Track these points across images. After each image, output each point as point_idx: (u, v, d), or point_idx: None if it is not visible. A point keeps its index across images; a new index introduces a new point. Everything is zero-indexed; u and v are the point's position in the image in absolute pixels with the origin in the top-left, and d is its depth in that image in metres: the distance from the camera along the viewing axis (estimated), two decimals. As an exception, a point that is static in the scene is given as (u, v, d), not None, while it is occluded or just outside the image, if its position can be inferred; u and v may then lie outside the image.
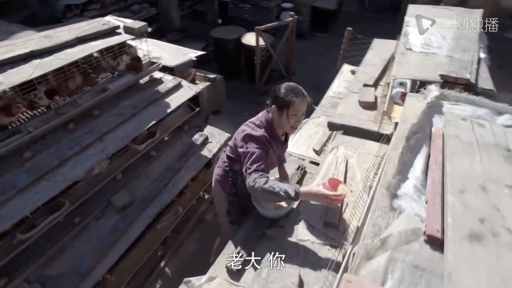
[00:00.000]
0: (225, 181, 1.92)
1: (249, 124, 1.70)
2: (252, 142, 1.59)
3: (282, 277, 1.32)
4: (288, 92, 1.60)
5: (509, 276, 0.86)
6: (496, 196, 1.09)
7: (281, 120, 1.64)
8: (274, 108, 1.63)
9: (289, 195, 1.41)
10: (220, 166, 1.95)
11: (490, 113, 1.52)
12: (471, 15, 2.94)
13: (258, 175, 1.48)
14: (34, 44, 1.95)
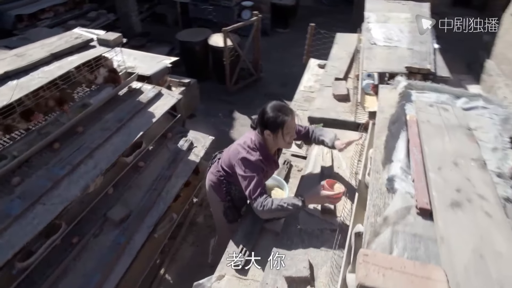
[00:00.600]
0: (219, 189, 2.00)
1: (244, 146, 1.76)
2: (249, 166, 1.68)
3: (294, 264, 1.45)
4: (277, 114, 1.67)
5: (485, 233, 1.06)
6: (466, 169, 1.30)
7: (277, 141, 1.74)
8: (267, 132, 1.70)
9: (297, 206, 1.55)
10: (214, 174, 2.02)
11: (450, 97, 1.76)
12: (421, 8, 3.26)
13: (263, 198, 1.59)
14: (7, 64, 1.87)
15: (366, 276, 0.90)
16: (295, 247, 1.57)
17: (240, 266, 1.72)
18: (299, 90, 3.88)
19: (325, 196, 1.56)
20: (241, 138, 1.87)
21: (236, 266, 1.76)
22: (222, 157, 1.99)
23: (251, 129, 1.88)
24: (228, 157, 1.87)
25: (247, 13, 6.83)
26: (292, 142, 1.85)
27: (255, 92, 5.40)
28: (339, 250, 1.49)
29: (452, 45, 5.94)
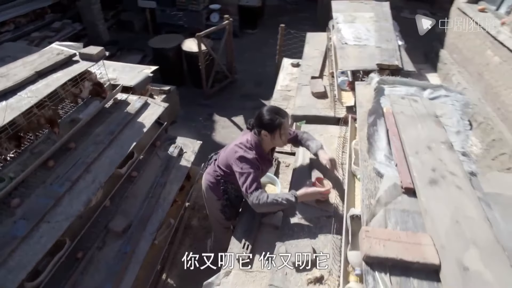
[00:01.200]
0: (216, 188, 2.11)
1: (240, 146, 1.88)
2: (246, 163, 1.81)
3: (299, 250, 1.60)
4: (274, 116, 1.82)
5: (458, 203, 1.28)
6: (438, 151, 1.52)
7: (274, 141, 1.89)
8: (265, 133, 1.85)
9: (290, 202, 1.70)
10: (211, 174, 2.13)
11: (418, 90, 2.00)
12: (382, 7, 3.55)
13: (259, 192, 1.73)
14: (-8, 86, 1.84)
15: (370, 248, 1.07)
16: (297, 236, 1.72)
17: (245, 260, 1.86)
18: (277, 90, 4.04)
19: (316, 192, 1.74)
20: (237, 139, 1.99)
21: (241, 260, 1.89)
22: (219, 158, 2.10)
23: (247, 131, 2.00)
24: (225, 157, 1.99)
25: (216, 16, 6.91)
26: (287, 141, 2.01)
27: (232, 94, 5.51)
28: (337, 234, 1.67)
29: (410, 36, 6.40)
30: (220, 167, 2.04)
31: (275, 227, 2.02)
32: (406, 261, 1.04)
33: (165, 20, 6.84)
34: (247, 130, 2.01)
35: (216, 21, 6.90)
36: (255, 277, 1.83)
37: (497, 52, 4.53)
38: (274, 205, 1.76)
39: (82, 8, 5.33)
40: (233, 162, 1.87)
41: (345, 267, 1.41)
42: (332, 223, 1.72)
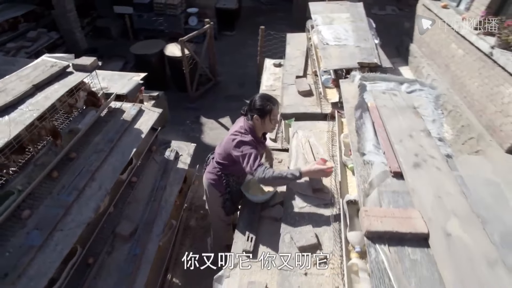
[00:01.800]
0: (219, 183, 2.24)
1: (236, 133, 2.03)
2: (245, 145, 1.96)
3: (303, 235, 1.76)
4: (266, 102, 2.00)
5: (438, 181, 1.48)
6: (418, 138, 1.73)
7: (264, 125, 2.05)
8: (256, 117, 2.01)
9: (295, 176, 1.84)
10: (211, 171, 2.25)
11: (396, 84, 2.22)
12: (357, 8, 3.79)
13: (264, 167, 1.87)
14: (-11, 104, 1.86)
15: (370, 224, 1.24)
16: (299, 224, 1.88)
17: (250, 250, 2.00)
18: (262, 90, 4.18)
19: (320, 169, 1.86)
20: (231, 130, 2.13)
21: (246, 251, 2.03)
22: (215, 154, 2.23)
23: (239, 120, 2.15)
24: (222, 150, 2.12)
25: (194, 20, 6.96)
26: (276, 127, 2.17)
27: (216, 96, 5.61)
28: (335, 219, 1.84)
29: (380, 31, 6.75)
30: (220, 162, 2.17)
31: (275, 219, 2.18)
32: (401, 233, 1.22)
33: (143, 26, 6.82)
34: (238, 120, 2.15)
35: (194, 25, 6.96)
36: (259, 267, 1.97)
37: (460, 45, 4.93)
38: (280, 179, 1.88)
39: (58, 16, 5.22)
40: (232, 149, 2.00)
41: (346, 247, 1.58)
42: (331, 209, 1.89)
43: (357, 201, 1.72)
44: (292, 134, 2.63)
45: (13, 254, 1.60)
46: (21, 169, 1.96)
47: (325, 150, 2.39)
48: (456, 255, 1.15)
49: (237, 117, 2.28)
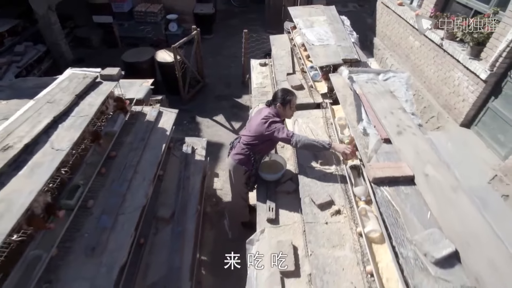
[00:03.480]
0: (247, 161, 2.68)
1: (266, 117, 2.49)
2: (276, 123, 2.45)
3: (320, 196, 2.25)
4: (286, 94, 2.52)
5: (416, 143, 2.04)
6: (397, 114, 2.30)
7: (285, 112, 2.56)
8: (279, 105, 2.52)
9: (325, 146, 2.31)
10: (239, 152, 2.69)
11: (374, 75, 2.79)
12: (331, 11, 4.36)
13: (297, 135, 2.35)
14: (48, 111, 2.17)
15: (375, 174, 1.77)
16: (314, 188, 2.37)
17: (273, 219, 2.46)
18: (253, 88, 4.63)
19: (344, 147, 2.31)
20: (258, 114, 2.60)
21: (269, 220, 2.50)
22: (242, 138, 2.67)
23: (263, 108, 2.63)
24: (253, 132, 2.57)
25: (174, 26, 7.24)
26: (293, 115, 2.71)
27: (206, 96, 5.97)
28: (341, 181, 2.36)
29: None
30: (248, 143, 2.61)
31: (288, 192, 2.67)
32: (396, 177, 1.76)
33: (124, 34, 6.98)
34: (262, 109, 2.62)
35: (174, 30, 7.24)
36: (283, 229, 2.45)
37: (417, 38, 5.71)
38: (312, 146, 2.35)
39: (43, 29, 5.31)
40: (265, 130, 2.47)
41: (355, 198, 2.11)
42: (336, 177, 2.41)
43: (357, 166, 2.26)
44: (293, 122, 3.12)
45: (91, 234, 1.95)
46: (77, 168, 2.27)
47: (322, 132, 2.91)
48: (432, 187, 1.71)
49: (229, 114, 2.72)
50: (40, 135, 2.00)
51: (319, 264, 1.87)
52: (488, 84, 4.14)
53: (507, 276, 1.29)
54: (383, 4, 7.11)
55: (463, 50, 4.45)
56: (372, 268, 1.73)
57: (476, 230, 1.47)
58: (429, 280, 1.32)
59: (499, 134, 4.14)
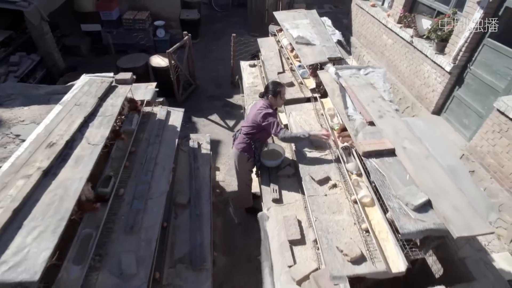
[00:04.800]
0: (249, 149, 3.06)
1: (261, 108, 2.87)
2: (269, 116, 2.82)
3: (318, 174, 2.66)
4: (276, 86, 2.89)
5: (394, 124, 2.49)
6: (378, 102, 2.74)
7: (276, 102, 2.93)
8: (271, 97, 2.89)
9: (306, 136, 2.73)
10: (241, 142, 3.07)
11: (356, 70, 3.23)
12: (313, 14, 4.81)
13: (284, 130, 2.75)
14: (78, 112, 2.45)
15: (364, 148, 2.19)
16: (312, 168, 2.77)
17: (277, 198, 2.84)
18: (246, 87, 4.99)
19: (322, 135, 2.77)
20: (254, 107, 2.97)
21: (274, 200, 2.88)
22: (242, 129, 3.04)
23: (257, 100, 3.00)
24: (250, 122, 2.96)
25: (162, 32, 7.49)
26: (283, 103, 3.14)
27: (199, 98, 6.28)
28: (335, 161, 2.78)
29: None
30: (248, 133, 2.99)
31: (288, 176, 3.06)
32: (380, 150, 2.19)
33: (113, 41, 7.15)
34: (257, 102, 2.99)
35: (162, 36, 7.49)
36: (286, 207, 2.84)
37: (389, 36, 6.28)
38: (295, 138, 2.81)
39: (36, 39, 5.43)
40: (260, 119, 2.86)
41: (347, 173, 2.53)
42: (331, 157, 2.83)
43: (347, 147, 2.68)
44: (288, 114, 3.52)
45: (127, 217, 2.26)
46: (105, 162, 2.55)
47: (315, 122, 3.33)
48: (409, 156, 2.15)
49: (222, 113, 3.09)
50: (76, 133, 2.28)
51: (323, 227, 2.27)
52: (453, 75, 4.72)
53: (465, 215, 1.73)
54: (357, 5, 7.69)
55: (430, 46, 5.03)
56: (366, 225, 2.15)
57: (443, 185, 1.91)
58: (410, 221, 1.75)
59: (464, 118, 4.73)
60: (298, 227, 2.56)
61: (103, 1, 7.06)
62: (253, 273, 3.29)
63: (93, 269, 1.94)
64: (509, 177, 3.75)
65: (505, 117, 3.70)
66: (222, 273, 3.26)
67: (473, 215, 1.69)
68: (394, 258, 1.92)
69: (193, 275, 2.36)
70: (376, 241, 2.04)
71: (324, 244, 2.14)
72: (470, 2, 4.24)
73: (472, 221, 1.66)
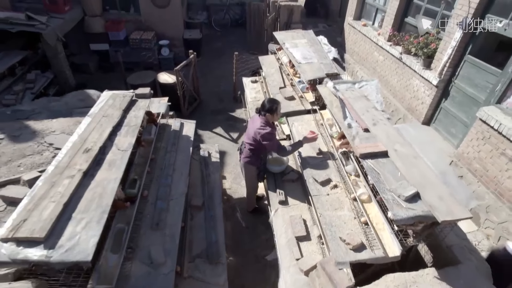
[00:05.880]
0: (255, 160, 3.36)
1: (260, 128, 3.15)
2: (268, 135, 3.12)
3: (320, 176, 2.96)
4: (272, 104, 3.19)
5: (387, 130, 2.83)
6: (371, 112, 3.09)
7: (273, 117, 3.22)
8: (268, 114, 3.19)
9: (300, 144, 3.11)
10: (247, 156, 3.38)
11: (351, 84, 3.61)
12: (310, 34, 5.25)
13: (283, 147, 3.11)
14: (106, 123, 2.75)
15: (361, 151, 2.51)
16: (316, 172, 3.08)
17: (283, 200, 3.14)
18: (249, 101, 5.34)
19: (310, 137, 3.14)
20: (253, 125, 3.27)
21: (281, 202, 3.17)
22: (245, 144, 3.36)
23: (255, 116, 3.32)
24: (252, 139, 3.26)
25: (166, 50, 7.92)
26: (279, 118, 3.45)
27: (203, 112, 6.63)
28: (335, 164, 3.09)
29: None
30: (251, 148, 3.29)
31: (292, 180, 3.36)
32: (375, 152, 2.52)
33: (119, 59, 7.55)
34: (254, 117, 3.32)
35: (167, 55, 7.91)
36: (292, 208, 3.12)
37: (380, 53, 6.76)
38: (293, 151, 3.15)
39: (51, 58, 5.80)
40: (260, 139, 3.16)
41: (347, 174, 2.84)
42: (332, 161, 3.15)
43: (346, 152, 3.01)
44: (291, 125, 3.86)
45: (152, 215, 2.52)
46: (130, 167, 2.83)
47: (315, 131, 3.66)
48: (400, 157, 2.48)
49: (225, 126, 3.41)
50: (106, 141, 2.58)
51: (327, 221, 2.56)
52: (439, 89, 5.14)
53: (448, 203, 2.04)
54: (350, 25, 8.23)
55: (417, 62, 5.48)
56: (365, 218, 2.45)
57: (429, 179, 2.23)
58: (402, 210, 2.05)
59: (451, 128, 5.11)
60: (303, 225, 2.84)
61: (111, 23, 7.51)
62: (261, 271, 3.53)
63: (126, 259, 2.19)
64: (493, 180, 4.09)
65: (486, 125, 4.08)
66: (232, 271, 3.49)
67: (454, 203, 2.00)
68: (390, 245, 2.21)
69: (210, 268, 2.61)
70: (374, 231, 2.33)
71: (329, 236, 2.42)
72: (451, 23, 4.71)
73: (453, 208, 1.97)
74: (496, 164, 4.02)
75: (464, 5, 4.42)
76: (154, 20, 7.84)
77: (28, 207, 1.89)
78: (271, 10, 8.51)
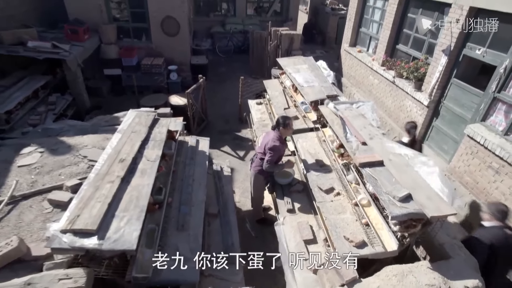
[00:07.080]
0: (264, 171, 3.72)
1: (273, 140, 3.57)
2: (274, 151, 3.53)
3: (324, 184, 3.30)
4: (285, 119, 3.62)
5: (383, 145, 3.22)
6: (368, 128, 3.50)
7: (286, 131, 3.64)
8: (282, 129, 3.60)
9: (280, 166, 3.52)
10: (258, 165, 3.74)
11: (349, 105, 4.04)
12: (310, 60, 5.77)
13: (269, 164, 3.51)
14: (136, 137, 3.12)
15: (360, 161, 2.88)
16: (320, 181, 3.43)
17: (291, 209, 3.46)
18: (255, 121, 5.75)
19: (287, 162, 3.57)
20: (267, 136, 3.69)
21: (289, 210, 3.49)
22: (257, 154, 3.73)
23: (270, 131, 3.71)
24: (264, 148, 3.64)
25: (174, 75, 8.46)
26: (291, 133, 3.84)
27: (210, 132, 7.04)
28: (337, 174, 3.45)
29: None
30: (261, 157, 3.66)
31: (298, 191, 3.70)
32: (372, 161, 2.88)
33: (131, 83, 8.06)
34: (269, 132, 3.72)
35: (175, 79, 8.45)
36: (300, 216, 3.44)
37: (375, 77, 7.30)
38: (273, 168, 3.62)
39: (71, 82, 6.28)
40: (268, 149, 3.55)
41: (348, 183, 3.19)
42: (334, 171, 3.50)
43: (346, 163, 3.38)
44: (296, 141, 4.24)
45: (176, 218, 2.84)
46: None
47: (318, 146, 4.05)
48: (394, 165, 2.85)
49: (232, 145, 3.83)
50: (137, 153, 2.94)
51: (331, 223, 2.88)
52: (430, 109, 5.60)
53: (435, 202, 2.39)
54: (346, 51, 8.87)
55: (409, 85, 5.98)
56: (366, 220, 2.78)
57: (419, 183, 2.59)
58: (397, 208, 2.39)
59: (443, 144, 5.52)
60: (310, 230, 3.15)
61: (124, 50, 8.10)
62: (271, 276, 3.76)
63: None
64: (483, 191, 4.43)
65: (474, 141, 4.48)
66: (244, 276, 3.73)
67: (441, 202, 2.34)
68: (389, 241, 2.53)
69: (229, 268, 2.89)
70: (374, 230, 2.65)
71: (334, 236, 2.73)
72: (437, 50, 5.25)
73: (440, 206, 2.31)
74: (484, 176, 4.38)
75: (447, 34, 4.97)
76: (164, 47, 8.46)
77: (79, 205, 2.22)
78: (273, 38, 9.17)
